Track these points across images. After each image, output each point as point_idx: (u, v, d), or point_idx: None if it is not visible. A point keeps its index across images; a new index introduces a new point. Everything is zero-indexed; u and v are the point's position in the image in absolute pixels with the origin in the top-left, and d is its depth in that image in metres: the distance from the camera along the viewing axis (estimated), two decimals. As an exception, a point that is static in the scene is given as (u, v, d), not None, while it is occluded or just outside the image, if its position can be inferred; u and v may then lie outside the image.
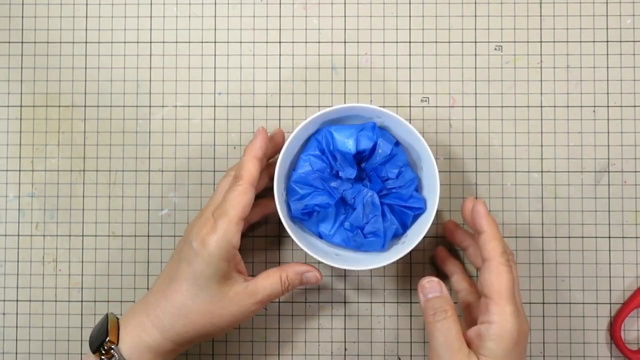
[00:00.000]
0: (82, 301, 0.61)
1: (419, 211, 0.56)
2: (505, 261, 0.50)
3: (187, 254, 0.52)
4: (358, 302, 0.61)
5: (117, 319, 0.53)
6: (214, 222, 0.51)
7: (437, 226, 0.60)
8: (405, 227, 0.56)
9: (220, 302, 0.52)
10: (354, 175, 0.56)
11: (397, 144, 0.56)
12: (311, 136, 0.57)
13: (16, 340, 0.61)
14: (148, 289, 0.61)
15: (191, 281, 0.51)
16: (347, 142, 0.55)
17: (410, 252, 0.60)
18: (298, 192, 0.55)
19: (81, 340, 0.61)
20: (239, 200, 0.52)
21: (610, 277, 0.60)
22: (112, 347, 0.51)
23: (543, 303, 0.60)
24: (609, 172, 0.61)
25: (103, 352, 0.51)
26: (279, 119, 0.61)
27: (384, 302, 0.60)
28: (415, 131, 0.54)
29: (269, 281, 0.53)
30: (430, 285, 0.51)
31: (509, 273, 0.50)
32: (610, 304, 0.60)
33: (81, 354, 0.61)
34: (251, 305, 0.53)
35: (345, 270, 0.60)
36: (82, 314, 0.61)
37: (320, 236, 0.57)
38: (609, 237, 0.60)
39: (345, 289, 0.61)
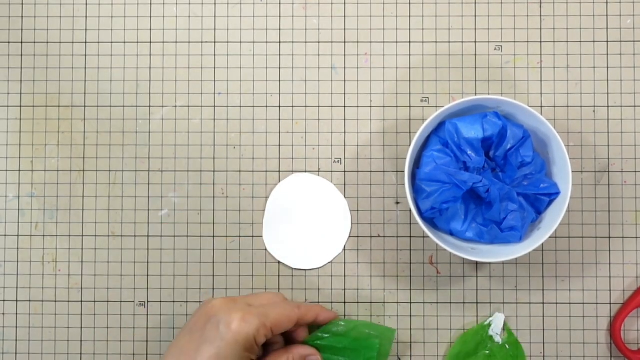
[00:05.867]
0: (82, 301, 0.61)
1: (556, 196, 0.56)
2: None
3: (211, 335, 0.52)
4: (358, 302, 0.60)
5: None
6: (249, 313, 0.52)
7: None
8: (539, 213, 0.57)
9: None
10: (482, 163, 0.56)
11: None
12: (430, 134, 0.57)
13: (16, 340, 0.61)
14: (147, 289, 0.61)
15: None
16: (472, 129, 0.55)
17: (410, 252, 0.60)
18: (425, 190, 0.55)
19: (81, 341, 0.61)
20: (283, 317, 0.53)
21: (610, 277, 0.60)
22: None
23: (543, 303, 0.60)
24: (609, 172, 0.61)
25: None
26: (279, 119, 0.61)
27: (384, 302, 0.60)
28: (539, 116, 0.55)
29: None
30: None
31: None
32: (610, 304, 0.60)
33: (81, 354, 0.61)
34: None
35: (344, 270, 0.60)
36: (82, 314, 0.61)
37: (451, 233, 0.57)
38: (609, 237, 0.60)
39: (345, 289, 0.61)
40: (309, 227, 0.61)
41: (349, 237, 0.61)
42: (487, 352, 0.59)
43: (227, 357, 0.51)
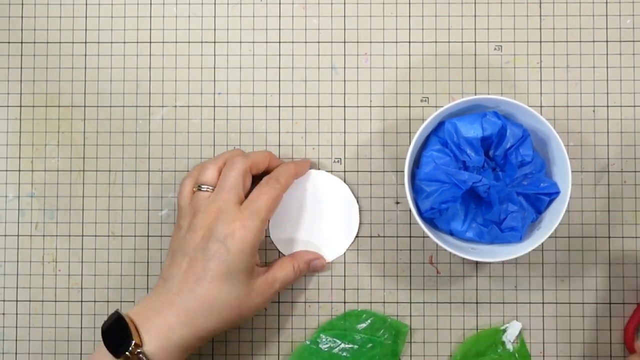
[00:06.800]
0: (81, 301, 0.61)
1: (556, 195, 0.56)
2: None
3: (216, 251, 0.53)
4: (358, 302, 0.60)
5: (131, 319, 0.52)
6: (245, 219, 0.53)
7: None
8: (539, 213, 0.57)
9: (249, 295, 0.54)
10: (482, 162, 0.56)
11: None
12: (430, 134, 0.57)
13: (16, 340, 0.61)
14: (148, 289, 0.61)
15: (224, 278, 0.52)
16: (472, 129, 0.55)
17: (410, 252, 0.60)
18: (425, 190, 0.55)
19: (81, 341, 0.61)
20: (273, 203, 0.55)
21: (610, 277, 0.60)
22: (139, 350, 0.50)
23: (543, 303, 0.60)
24: (608, 172, 0.61)
25: (128, 355, 0.50)
26: (279, 119, 0.61)
27: (384, 302, 0.60)
28: (539, 116, 0.55)
29: (284, 271, 0.57)
30: None
31: None
32: (610, 304, 0.60)
33: (81, 354, 0.61)
34: (271, 294, 0.56)
35: (344, 270, 0.60)
36: (81, 314, 0.61)
37: (451, 233, 0.57)
38: (609, 237, 0.60)
39: (345, 289, 0.61)
40: (313, 227, 0.60)
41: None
42: (496, 356, 0.59)
43: (235, 267, 0.53)
